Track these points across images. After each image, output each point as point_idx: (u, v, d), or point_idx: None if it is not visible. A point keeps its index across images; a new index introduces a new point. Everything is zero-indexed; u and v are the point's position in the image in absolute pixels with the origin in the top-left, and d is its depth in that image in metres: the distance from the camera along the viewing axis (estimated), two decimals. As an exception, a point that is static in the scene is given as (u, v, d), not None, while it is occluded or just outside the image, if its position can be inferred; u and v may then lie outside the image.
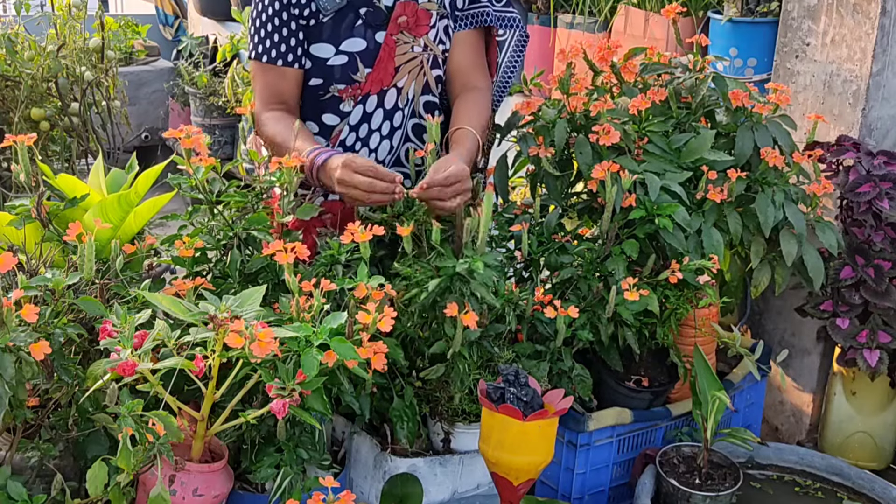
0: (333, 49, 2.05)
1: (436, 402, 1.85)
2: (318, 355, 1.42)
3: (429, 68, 2.14)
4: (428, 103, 2.18)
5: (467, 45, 2.19)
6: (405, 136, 2.17)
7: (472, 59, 2.20)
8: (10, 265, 1.36)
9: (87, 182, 1.95)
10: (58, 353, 1.46)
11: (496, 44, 2.25)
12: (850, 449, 2.46)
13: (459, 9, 2.15)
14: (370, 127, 2.12)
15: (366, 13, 2.05)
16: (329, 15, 2.04)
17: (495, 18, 2.17)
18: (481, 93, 2.17)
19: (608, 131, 1.94)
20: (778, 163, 2.02)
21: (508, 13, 2.20)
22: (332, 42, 2.05)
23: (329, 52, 2.05)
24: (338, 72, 2.06)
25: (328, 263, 1.81)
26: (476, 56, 2.21)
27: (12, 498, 1.44)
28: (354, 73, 2.06)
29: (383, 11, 2.06)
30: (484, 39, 2.23)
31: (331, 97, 2.10)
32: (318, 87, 2.09)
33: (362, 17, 2.05)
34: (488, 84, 2.22)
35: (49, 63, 3.46)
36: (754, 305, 2.63)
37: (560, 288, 1.96)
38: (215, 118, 5.10)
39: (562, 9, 3.57)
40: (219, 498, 1.56)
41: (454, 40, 2.17)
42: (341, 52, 2.05)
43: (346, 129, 2.11)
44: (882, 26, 2.31)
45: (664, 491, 1.91)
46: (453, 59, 2.18)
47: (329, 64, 2.06)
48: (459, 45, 2.17)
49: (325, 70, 2.06)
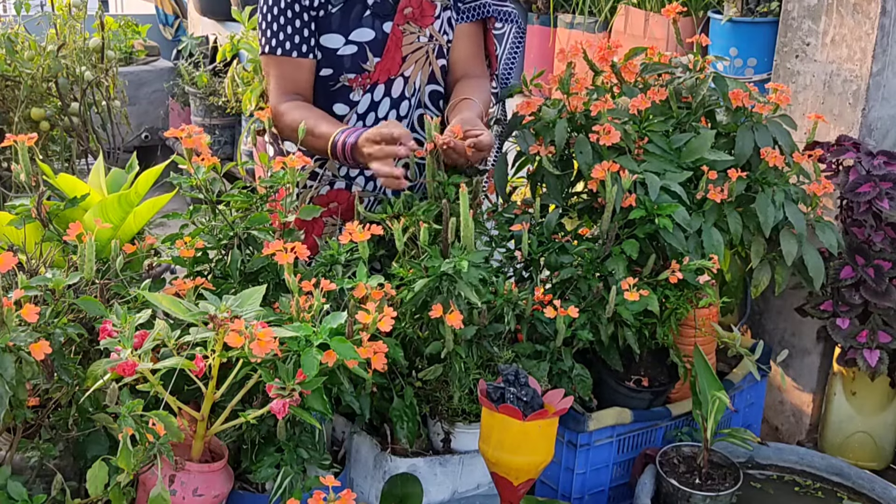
0: (343, 39, 2.09)
1: (436, 402, 1.85)
2: (318, 355, 1.42)
3: (434, 58, 2.19)
4: (433, 93, 2.22)
5: (467, 37, 2.24)
6: (410, 127, 2.21)
7: (472, 51, 2.25)
8: (10, 265, 1.36)
9: (87, 182, 1.95)
10: (58, 353, 1.46)
11: (493, 37, 2.30)
12: (850, 449, 2.46)
13: (462, 0, 2.21)
14: (377, 116, 2.16)
15: (373, 3, 2.09)
16: (338, 5, 2.08)
17: (494, 11, 2.24)
18: (480, 80, 2.23)
19: (609, 131, 1.94)
20: (778, 163, 2.02)
21: (505, 7, 2.27)
22: (342, 32, 2.08)
23: (339, 42, 2.09)
24: (348, 61, 2.10)
25: (328, 263, 1.81)
26: (475, 47, 2.26)
27: (12, 498, 1.43)
28: (364, 63, 2.11)
29: (390, 2, 2.11)
30: (482, 32, 2.28)
31: (341, 87, 2.14)
32: (328, 77, 2.12)
33: (370, 8, 2.09)
34: (486, 74, 2.29)
35: (49, 63, 3.46)
36: (754, 305, 2.63)
37: (560, 288, 1.96)
38: (215, 118, 5.10)
39: (562, 9, 3.57)
40: (219, 498, 1.56)
41: (455, 32, 2.22)
42: (351, 41, 2.09)
43: (353, 118, 2.15)
44: (882, 26, 2.31)
45: (664, 491, 1.91)
46: (454, 50, 2.23)
47: (339, 54, 2.10)
48: (459, 37, 2.23)
49: (335, 60, 2.10)
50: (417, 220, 1.87)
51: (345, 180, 2.21)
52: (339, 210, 2.20)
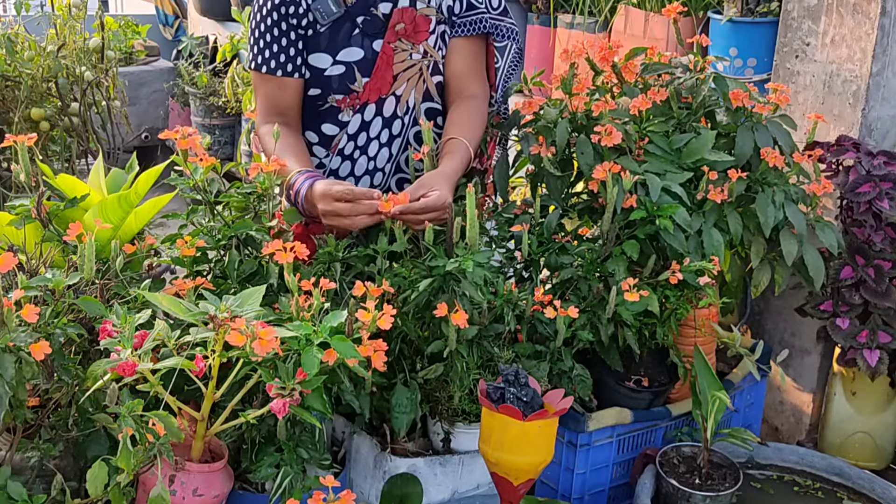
0: (330, 59, 2.05)
1: (436, 402, 1.85)
2: (319, 354, 1.43)
3: (429, 75, 2.12)
4: (430, 110, 2.16)
5: (464, 51, 2.14)
6: (405, 144, 2.15)
7: (469, 67, 2.15)
8: (10, 265, 1.36)
9: (87, 182, 1.95)
10: (58, 353, 1.46)
11: (493, 50, 2.21)
12: (850, 449, 2.46)
13: (457, 14, 2.11)
14: (368, 135, 2.11)
15: (363, 22, 2.04)
16: (326, 25, 2.03)
17: (491, 26, 2.13)
18: (476, 101, 2.13)
19: (610, 132, 1.94)
20: (778, 163, 2.02)
21: (504, 22, 2.16)
22: (329, 52, 2.04)
23: (326, 62, 2.05)
24: (335, 82, 2.06)
25: (326, 262, 1.81)
26: (473, 63, 2.16)
27: (12, 498, 1.43)
28: (352, 83, 2.06)
29: (381, 19, 2.05)
30: (483, 46, 2.19)
31: (329, 107, 2.10)
32: (316, 97, 2.09)
33: (359, 26, 2.04)
34: (485, 92, 2.18)
35: (49, 63, 3.46)
36: (754, 305, 2.63)
37: (560, 288, 1.96)
38: (215, 118, 5.11)
39: (562, 9, 3.57)
40: (219, 498, 1.56)
41: (450, 46, 2.13)
42: (338, 62, 2.05)
43: (344, 139, 2.11)
44: (882, 26, 2.31)
45: (664, 491, 1.91)
46: (449, 65, 2.14)
47: (326, 74, 2.06)
48: (455, 52, 2.14)
49: (323, 80, 2.06)
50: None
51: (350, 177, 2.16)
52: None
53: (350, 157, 2.12)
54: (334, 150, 2.12)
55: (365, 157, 2.13)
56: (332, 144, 2.12)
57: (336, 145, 2.12)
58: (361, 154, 2.12)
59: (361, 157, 2.13)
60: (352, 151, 2.12)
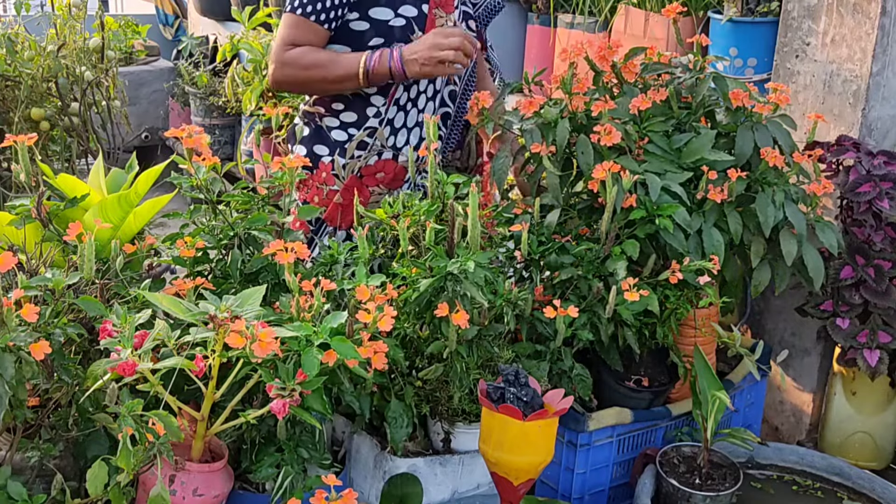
0: (392, 13, 2.21)
1: (436, 402, 1.85)
2: (319, 354, 1.43)
3: None
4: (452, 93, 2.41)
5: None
6: (442, 101, 2.37)
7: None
8: (10, 265, 1.36)
9: (87, 182, 1.95)
10: (58, 353, 1.46)
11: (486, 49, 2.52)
12: (850, 449, 2.46)
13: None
14: (418, 88, 2.30)
15: None
16: None
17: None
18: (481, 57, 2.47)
19: (610, 131, 1.94)
20: (778, 163, 2.02)
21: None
22: (391, 7, 2.21)
23: (389, 14, 2.21)
24: (398, 32, 2.22)
25: (328, 263, 1.81)
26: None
27: (12, 498, 1.44)
28: (411, 35, 2.22)
29: None
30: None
31: None
32: (378, 46, 2.22)
33: None
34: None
35: (49, 63, 3.45)
36: (754, 305, 2.63)
37: (560, 288, 1.96)
38: (215, 118, 5.10)
39: (562, 9, 3.57)
40: (219, 498, 1.56)
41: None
42: (399, 15, 2.22)
43: (400, 88, 2.26)
44: (882, 26, 2.31)
45: (664, 491, 1.91)
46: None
47: (390, 24, 2.22)
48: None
49: (386, 30, 2.22)
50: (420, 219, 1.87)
51: (392, 150, 2.29)
52: (385, 179, 2.30)
53: (403, 107, 2.29)
54: (391, 99, 2.26)
55: (415, 109, 2.31)
56: (388, 93, 2.26)
57: (393, 94, 2.26)
58: (412, 106, 2.30)
59: (413, 109, 2.30)
60: (405, 102, 2.29)
